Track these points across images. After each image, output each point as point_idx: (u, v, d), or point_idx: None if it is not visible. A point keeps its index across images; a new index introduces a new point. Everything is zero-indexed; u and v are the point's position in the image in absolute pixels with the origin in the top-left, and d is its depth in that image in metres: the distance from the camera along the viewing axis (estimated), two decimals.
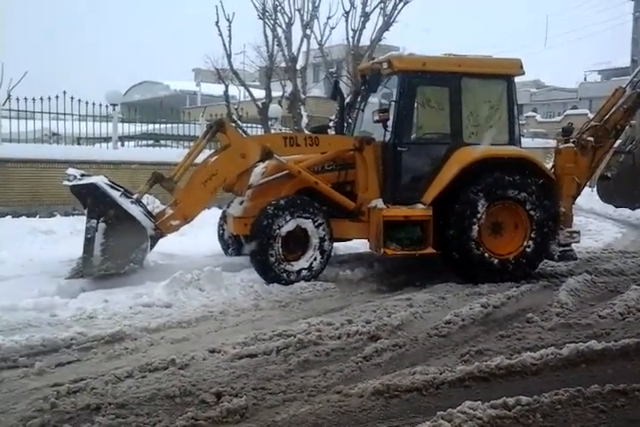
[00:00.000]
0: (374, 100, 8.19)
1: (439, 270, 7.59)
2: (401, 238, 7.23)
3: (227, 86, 16.54)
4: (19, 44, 51.44)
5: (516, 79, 7.90)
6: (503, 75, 7.75)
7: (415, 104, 7.57)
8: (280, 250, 6.85)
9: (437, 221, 7.27)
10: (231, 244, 8.19)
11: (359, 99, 8.53)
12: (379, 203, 7.33)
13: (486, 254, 7.26)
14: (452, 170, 7.26)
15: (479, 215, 7.19)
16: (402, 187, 7.46)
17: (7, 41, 52.43)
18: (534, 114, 39.08)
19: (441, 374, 4.12)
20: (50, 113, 12.97)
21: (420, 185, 7.44)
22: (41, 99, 12.57)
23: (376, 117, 7.18)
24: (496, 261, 7.30)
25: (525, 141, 9.38)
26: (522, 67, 7.82)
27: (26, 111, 12.78)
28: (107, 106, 13.78)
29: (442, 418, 3.39)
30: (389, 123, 7.26)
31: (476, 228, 7.17)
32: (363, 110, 8.29)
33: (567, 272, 7.91)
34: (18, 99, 12.47)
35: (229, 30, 15.70)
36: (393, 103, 7.35)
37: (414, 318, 5.61)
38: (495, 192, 7.28)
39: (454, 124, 7.52)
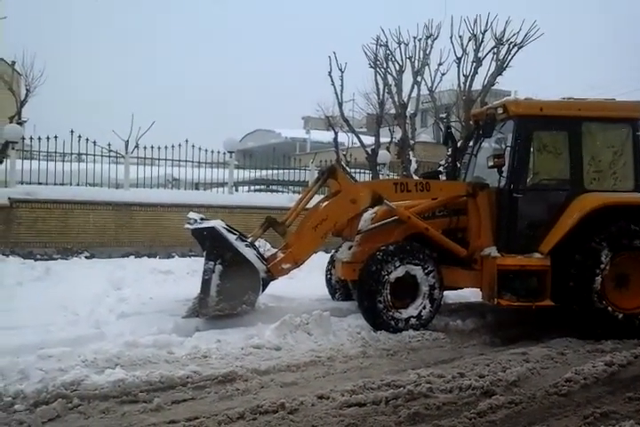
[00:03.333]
0: (487, 145, 8.06)
1: (557, 324, 7.17)
2: (516, 289, 6.92)
3: (336, 133, 16.91)
4: (143, 95, 55.89)
5: None
6: (627, 118, 7.40)
7: (532, 149, 7.38)
8: (388, 297, 6.77)
9: (555, 272, 6.92)
10: (338, 288, 8.20)
11: (471, 144, 8.43)
12: (492, 251, 7.10)
13: (610, 308, 6.80)
14: (572, 217, 6.93)
15: (602, 266, 6.76)
16: (517, 234, 7.19)
17: (135, 92, 57.20)
18: None
19: None
20: (173, 160, 13.84)
21: (536, 233, 7.14)
22: (165, 147, 13.48)
23: (491, 163, 7.04)
24: (621, 315, 6.82)
25: None
26: None
27: (152, 159, 13.74)
28: (224, 153, 14.51)
29: None
30: (505, 168, 7.09)
31: (598, 279, 6.75)
32: (475, 156, 8.17)
33: None
34: (145, 147, 13.46)
35: (341, 79, 16.19)
36: (509, 148, 7.18)
37: (531, 373, 5.32)
38: (620, 242, 6.85)
39: (574, 170, 7.21)
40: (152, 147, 13.40)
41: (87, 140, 12.66)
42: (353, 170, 16.08)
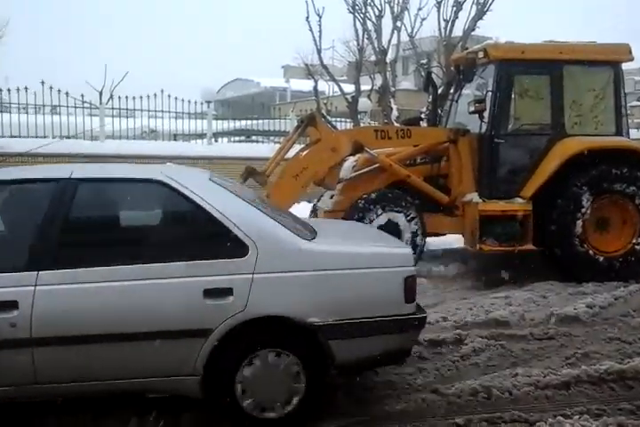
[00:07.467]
0: (468, 91, 7.91)
1: (539, 268, 7.24)
2: (498, 234, 6.94)
3: (316, 82, 16.56)
4: (120, 45, 54.24)
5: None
6: (609, 61, 7.27)
7: (513, 94, 7.25)
8: None
9: (537, 216, 6.95)
10: None
11: (452, 90, 8.29)
12: (474, 197, 7.08)
13: (591, 252, 6.86)
14: (554, 162, 6.90)
15: (583, 210, 6.79)
16: (498, 180, 7.16)
17: (110, 42, 55.43)
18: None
19: (545, 377, 3.92)
20: (149, 111, 13.52)
21: (518, 178, 7.12)
22: (140, 97, 13.12)
23: (472, 108, 6.92)
24: (602, 258, 6.89)
25: (631, 132, 8.79)
26: (630, 52, 7.31)
27: (127, 109, 13.40)
28: (202, 103, 14.19)
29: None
30: (486, 113, 6.98)
31: (580, 223, 6.78)
32: (457, 101, 8.04)
33: None
34: (120, 97, 13.09)
35: (319, 25, 15.71)
36: (490, 93, 7.06)
37: (514, 317, 5.38)
38: (601, 186, 6.86)
39: (555, 115, 7.13)
40: (127, 97, 13.06)
41: (59, 91, 12.26)
42: (334, 119, 15.84)
